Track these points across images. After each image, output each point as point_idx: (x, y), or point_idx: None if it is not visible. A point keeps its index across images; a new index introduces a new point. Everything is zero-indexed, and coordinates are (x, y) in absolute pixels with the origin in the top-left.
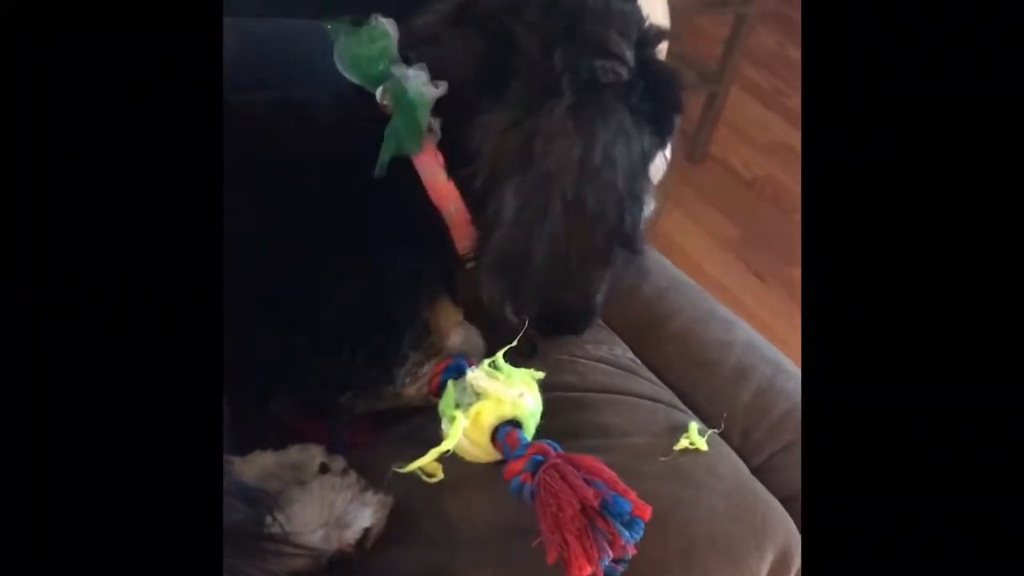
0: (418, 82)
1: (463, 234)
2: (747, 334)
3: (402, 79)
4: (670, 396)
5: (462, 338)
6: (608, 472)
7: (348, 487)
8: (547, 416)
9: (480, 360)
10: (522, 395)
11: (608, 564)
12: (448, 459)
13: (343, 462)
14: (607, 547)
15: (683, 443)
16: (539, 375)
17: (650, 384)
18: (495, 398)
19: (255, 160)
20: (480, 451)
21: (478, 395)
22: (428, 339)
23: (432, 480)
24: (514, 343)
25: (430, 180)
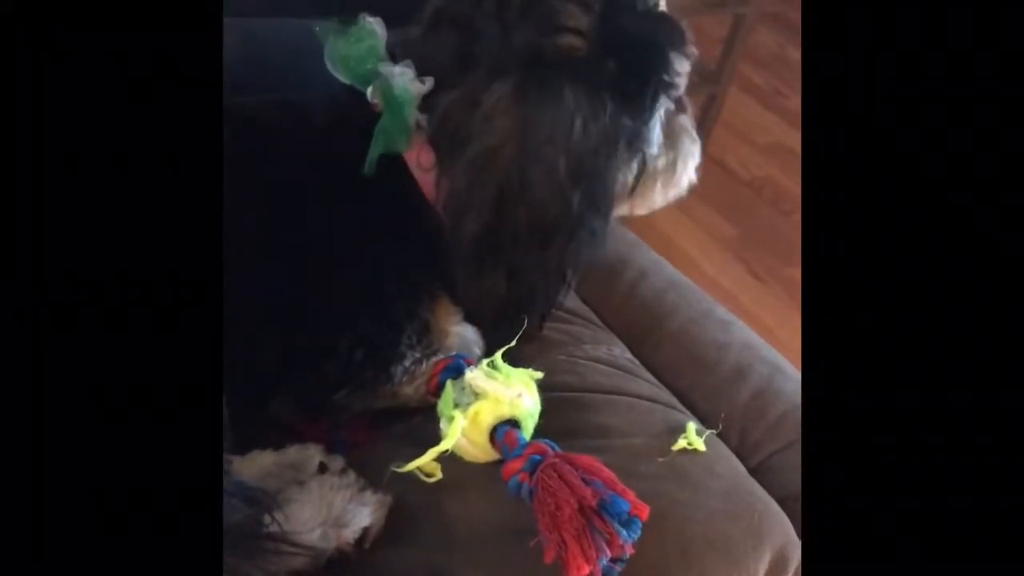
0: (404, 79)
1: None
2: (745, 335)
3: (389, 77)
4: (668, 396)
5: (460, 337)
6: (606, 472)
7: (347, 486)
8: (545, 416)
9: (479, 360)
10: (520, 395)
11: (606, 564)
12: (447, 459)
13: (342, 461)
14: (605, 547)
15: (681, 443)
16: (538, 375)
17: (648, 384)
18: (494, 398)
19: (254, 161)
20: (479, 451)
21: (477, 395)
22: (427, 338)
23: (431, 480)
24: (513, 343)
25: (420, 176)
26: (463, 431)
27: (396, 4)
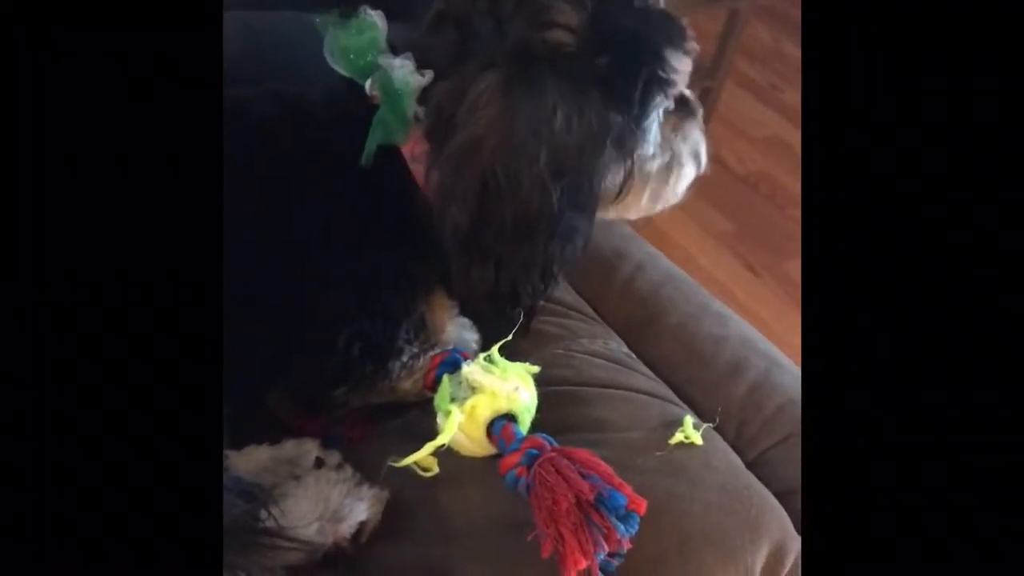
0: (404, 71)
1: None
2: (742, 329)
3: (389, 69)
4: (665, 390)
5: (457, 331)
6: (604, 466)
7: (343, 481)
8: (542, 410)
9: (475, 354)
10: (517, 389)
11: (603, 558)
12: (443, 453)
13: (338, 456)
14: (603, 541)
15: (678, 437)
16: (534, 369)
17: (645, 378)
18: (490, 392)
19: (251, 155)
20: (476, 445)
21: (473, 389)
22: (424, 333)
23: (427, 474)
24: (509, 337)
25: (416, 169)
26: (460, 426)
27: None
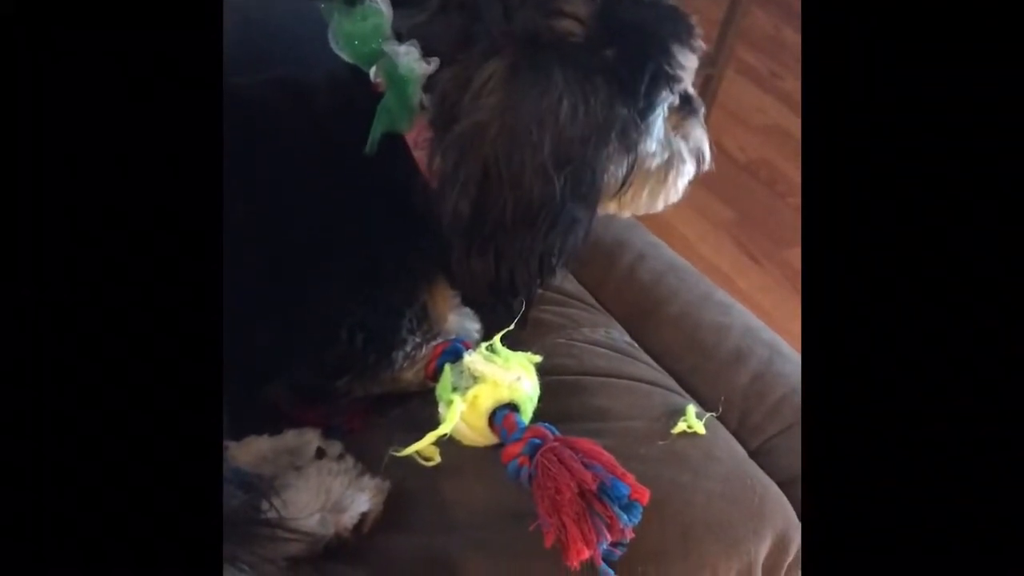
0: (409, 58)
1: None
2: (744, 317)
3: (394, 56)
4: (667, 380)
5: (459, 321)
6: (606, 456)
7: (345, 472)
8: (544, 400)
9: (477, 343)
10: (519, 379)
11: (606, 547)
12: (445, 443)
13: (339, 447)
14: (605, 531)
15: (681, 427)
16: (536, 359)
17: (648, 368)
18: (492, 382)
19: (252, 145)
20: (478, 435)
21: (475, 379)
22: (426, 322)
23: (429, 464)
24: (511, 326)
25: (421, 156)
26: (462, 415)
27: None
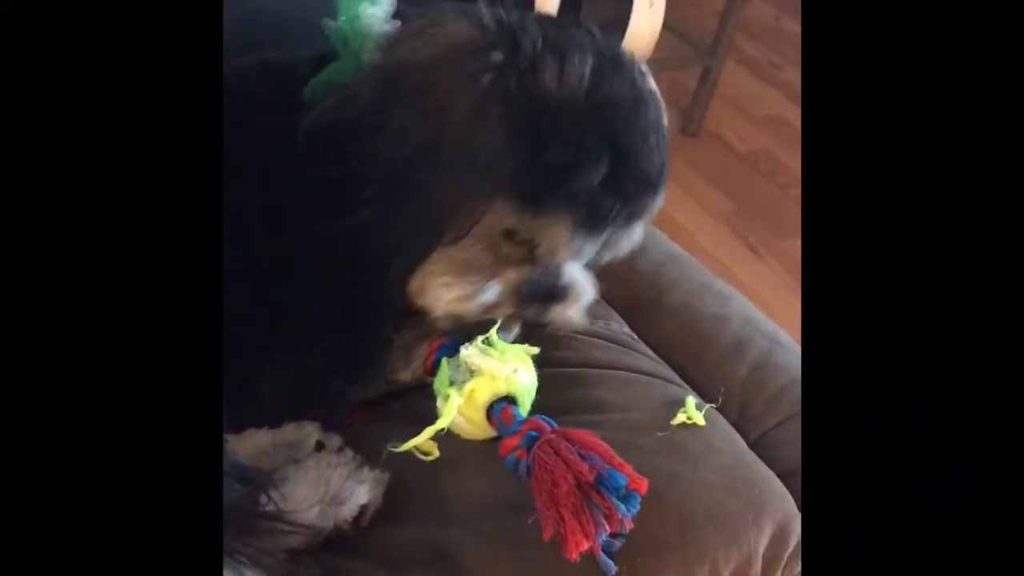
0: (374, 16)
1: None
2: (744, 308)
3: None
4: (667, 371)
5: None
6: (604, 447)
7: (344, 464)
8: (543, 392)
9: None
10: (516, 371)
11: (606, 538)
12: (444, 436)
13: (339, 439)
14: (604, 522)
15: (680, 418)
16: (534, 350)
17: (647, 359)
18: (489, 375)
19: (230, 135)
20: (476, 428)
21: (472, 372)
22: (417, 320)
23: (428, 459)
24: (506, 318)
25: None
26: (459, 409)
27: None
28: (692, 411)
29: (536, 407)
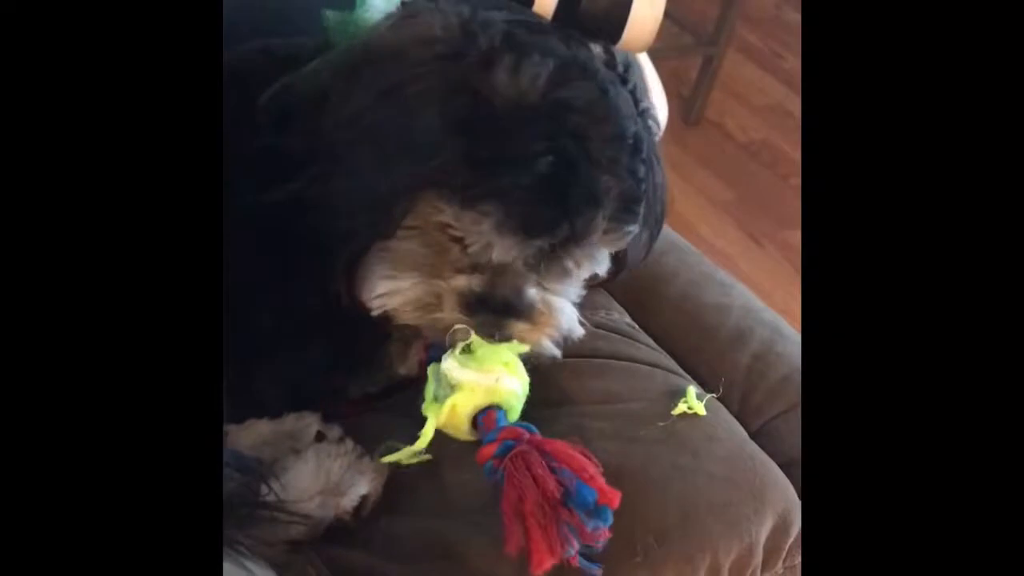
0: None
1: None
2: (745, 297)
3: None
4: (668, 361)
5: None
6: (578, 459)
7: (344, 455)
8: (544, 383)
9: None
10: (499, 380)
11: (581, 548)
12: (441, 433)
13: (339, 430)
14: (573, 538)
15: (681, 408)
16: (521, 348)
17: (648, 349)
18: (468, 389)
19: (231, 124)
20: (464, 435)
21: (452, 387)
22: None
23: (418, 461)
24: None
25: None
26: (444, 422)
27: None
28: (693, 401)
29: (538, 398)
